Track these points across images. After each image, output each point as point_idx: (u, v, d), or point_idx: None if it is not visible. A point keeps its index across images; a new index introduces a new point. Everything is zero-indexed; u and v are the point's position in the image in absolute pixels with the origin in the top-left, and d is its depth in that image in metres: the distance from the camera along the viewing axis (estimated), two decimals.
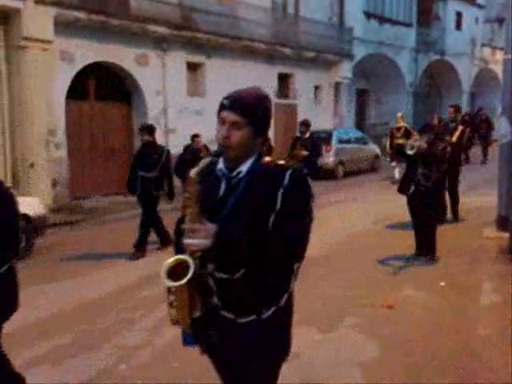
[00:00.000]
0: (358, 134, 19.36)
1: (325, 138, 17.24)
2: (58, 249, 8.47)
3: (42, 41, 11.09)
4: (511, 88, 8.29)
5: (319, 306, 5.49)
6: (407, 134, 13.56)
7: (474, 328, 4.89)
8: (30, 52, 10.95)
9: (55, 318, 5.39)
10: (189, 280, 2.03)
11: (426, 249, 7.01)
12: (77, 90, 12.62)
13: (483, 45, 29.97)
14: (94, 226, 10.65)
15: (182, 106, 14.71)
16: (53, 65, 11.58)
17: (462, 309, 5.37)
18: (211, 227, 2.03)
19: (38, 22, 10.89)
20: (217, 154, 2.20)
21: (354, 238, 8.52)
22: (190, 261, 2.05)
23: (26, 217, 7.89)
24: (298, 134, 10.24)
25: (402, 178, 7.33)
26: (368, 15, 21.96)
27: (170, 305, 2.17)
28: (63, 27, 11.58)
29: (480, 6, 29.19)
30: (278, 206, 2.07)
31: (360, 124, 23.87)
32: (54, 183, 11.74)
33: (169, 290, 2.14)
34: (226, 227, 2.04)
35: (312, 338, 4.70)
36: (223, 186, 2.16)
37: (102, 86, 13.45)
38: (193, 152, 10.64)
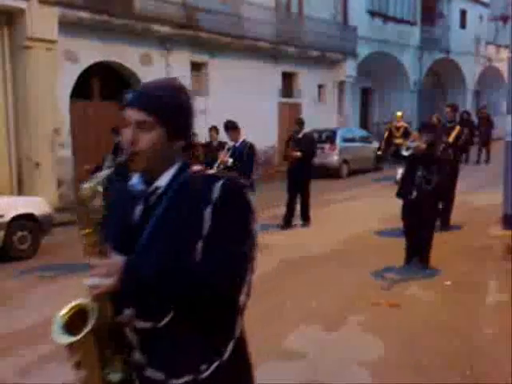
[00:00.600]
0: (362, 132, 19.35)
1: (329, 136, 17.27)
2: (64, 248, 8.48)
3: (47, 41, 11.10)
4: None
5: (324, 304, 5.49)
6: (406, 134, 13.32)
7: (480, 327, 4.88)
8: (35, 52, 10.97)
9: None
10: (92, 332, 1.55)
11: (420, 256, 6.63)
12: (81, 90, 12.65)
13: (487, 43, 29.86)
14: None
15: None
16: (57, 64, 11.60)
17: (467, 307, 5.36)
18: (116, 261, 1.56)
19: (42, 21, 10.91)
20: (119, 165, 1.63)
21: (358, 238, 8.51)
22: (90, 307, 1.58)
23: (32, 216, 7.94)
24: (291, 134, 9.84)
25: (401, 181, 6.83)
26: (372, 14, 21.91)
27: (77, 366, 1.64)
28: (67, 27, 11.59)
29: (484, 4, 29.03)
30: (206, 229, 1.57)
31: (364, 123, 23.84)
32: (60, 183, 11.78)
33: (71, 347, 1.62)
34: (138, 260, 1.57)
35: (317, 337, 4.71)
36: (140, 207, 1.66)
37: (106, 86, 13.47)
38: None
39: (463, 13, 27.90)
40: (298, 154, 9.28)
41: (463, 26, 27.99)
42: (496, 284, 6.07)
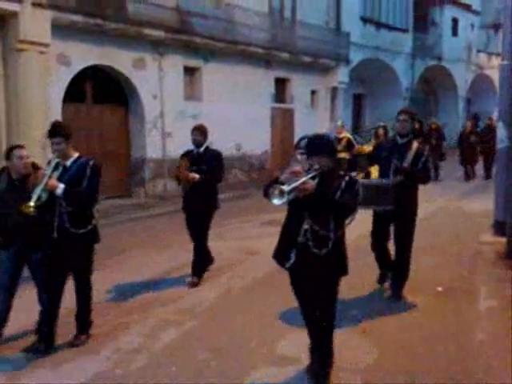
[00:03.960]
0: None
1: None
2: None
3: (39, 44, 11.04)
4: (507, 93, 8.33)
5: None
6: (350, 147, 12.05)
7: (472, 332, 4.89)
8: (27, 55, 10.90)
9: None
10: None
11: (319, 357, 3.96)
12: (74, 93, 12.60)
13: (479, 51, 30.12)
14: None
15: (179, 110, 14.70)
16: (50, 68, 11.55)
17: (459, 313, 5.37)
18: None
19: (35, 24, 10.86)
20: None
21: (349, 243, 8.47)
22: None
23: None
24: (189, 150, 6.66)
25: (280, 237, 4.07)
26: (365, 20, 22.02)
27: None
28: (60, 30, 11.55)
29: (476, 12, 29.36)
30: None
31: (356, 129, 23.91)
32: None
33: None
34: None
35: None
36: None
37: (99, 90, 13.43)
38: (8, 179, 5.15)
39: (455, 21, 28.11)
40: (196, 176, 6.28)
41: (455, 33, 28.21)
42: (488, 290, 6.09)
